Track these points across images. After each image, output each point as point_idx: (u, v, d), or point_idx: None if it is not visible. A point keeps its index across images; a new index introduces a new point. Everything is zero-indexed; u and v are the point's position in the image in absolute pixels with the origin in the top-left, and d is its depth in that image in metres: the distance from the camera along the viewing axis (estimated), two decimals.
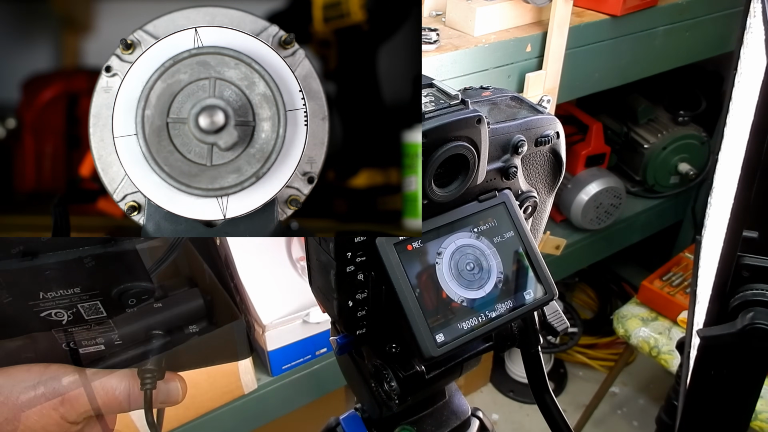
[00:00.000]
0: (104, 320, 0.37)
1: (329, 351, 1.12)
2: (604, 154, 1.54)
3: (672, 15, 1.27)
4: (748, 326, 0.47)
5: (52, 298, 0.35)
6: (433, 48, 1.01)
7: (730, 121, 0.70)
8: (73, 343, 0.38)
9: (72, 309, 0.36)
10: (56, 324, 0.37)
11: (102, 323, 0.37)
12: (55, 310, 0.36)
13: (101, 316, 0.37)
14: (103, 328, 0.38)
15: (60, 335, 0.37)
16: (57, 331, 0.37)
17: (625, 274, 2.04)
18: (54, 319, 0.36)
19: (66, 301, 0.35)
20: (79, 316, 0.36)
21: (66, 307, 0.36)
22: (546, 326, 0.48)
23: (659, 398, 1.76)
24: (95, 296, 0.36)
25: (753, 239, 0.49)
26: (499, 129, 0.44)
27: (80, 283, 0.35)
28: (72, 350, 0.39)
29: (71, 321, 0.37)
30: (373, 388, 0.44)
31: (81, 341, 0.38)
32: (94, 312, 0.36)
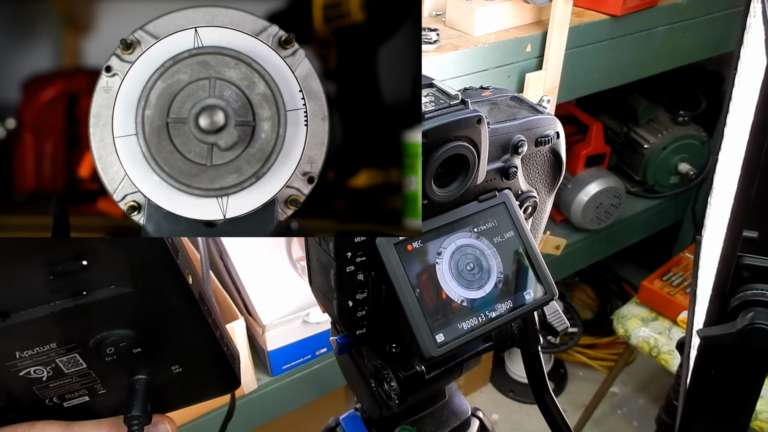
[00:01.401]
0: (85, 372, 0.37)
1: (329, 351, 1.12)
2: (604, 154, 1.54)
3: (672, 15, 1.27)
4: (748, 326, 0.47)
5: (29, 356, 0.35)
6: (433, 48, 1.01)
7: (730, 121, 0.70)
8: (57, 397, 0.38)
9: (51, 364, 0.36)
10: (36, 381, 0.36)
11: (83, 375, 0.37)
12: (33, 367, 0.36)
13: (82, 368, 0.37)
14: (86, 380, 0.37)
15: (42, 392, 0.37)
16: (38, 388, 0.37)
17: (625, 274, 2.04)
18: (34, 377, 0.36)
19: (44, 358, 0.35)
20: (59, 370, 0.36)
21: (44, 364, 0.36)
22: (546, 326, 0.48)
23: (659, 398, 1.76)
24: (72, 349, 0.36)
25: (753, 239, 0.49)
26: (499, 129, 0.44)
27: (56, 338, 0.35)
28: (56, 405, 0.38)
29: (51, 376, 0.36)
30: (373, 388, 0.44)
31: (64, 395, 0.38)
32: (73, 365, 0.36)
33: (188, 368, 0.39)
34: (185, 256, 0.37)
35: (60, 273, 0.32)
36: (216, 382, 0.42)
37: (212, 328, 0.38)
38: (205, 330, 0.38)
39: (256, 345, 1.10)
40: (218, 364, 0.40)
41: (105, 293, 0.34)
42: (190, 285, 0.36)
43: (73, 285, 0.33)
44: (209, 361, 0.40)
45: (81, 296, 0.34)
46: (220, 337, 0.39)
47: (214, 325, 0.39)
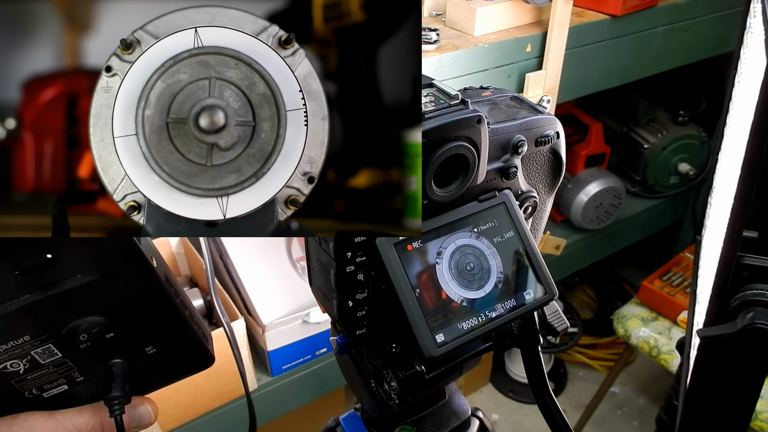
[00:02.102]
0: (61, 361, 0.37)
1: (329, 351, 1.12)
2: (604, 154, 1.54)
3: (672, 15, 1.27)
4: (748, 326, 0.47)
5: (4, 350, 0.35)
6: (433, 48, 1.01)
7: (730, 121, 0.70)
8: (36, 389, 0.38)
9: (26, 357, 0.36)
10: (14, 375, 0.37)
11: (60, 365, 0.37)
12: (9, 361, 0.36)
13: (57, 357, 0.37)
14: (63, 369, 0.38)
15: (21, 384, 0.38)
16: (16, 381, 0.37)
17: (625, 274, 2.03)
18: (10, 371, 0.36)
19: (18, 351, 0.36)
20: (35, 362, 0.37)
21: (20, 357, 0.36)
22: (546, 326, 0.48)
23: (659, 398, 1.76)
24: (46, 340, 0.36)
25: (753, 239, 0.49)
26: (499, 129, 0.44)
27: (28, 331, 0.35)
28: (36, 396, 0.39)
29: (28, 369, 0.37)
30: (373, 388, 0.44)
31: (43, 386, 0.38)
32: (49, 355, 0.37)
33: (162, 349, 0.40)
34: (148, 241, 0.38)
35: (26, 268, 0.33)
36: (190, 360, 0.42)
37: (180, 308, 0.39)
38: (174, 310, 0.39)
39: (256, 345, 1.10)
40: (190, 342, 0.41)
41: (72, 283, 0.34)
42: (154, 268, 0.37)
43: (40, 278, 0.34)
44: (181, 341, 0.41)
45: (49, 288, 0.34)
46: (189, 317, 0.40)
47: (183, 305, 0.40)
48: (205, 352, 0.42)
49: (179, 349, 0.41)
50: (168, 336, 0.40)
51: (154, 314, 0.39)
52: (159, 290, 0.38)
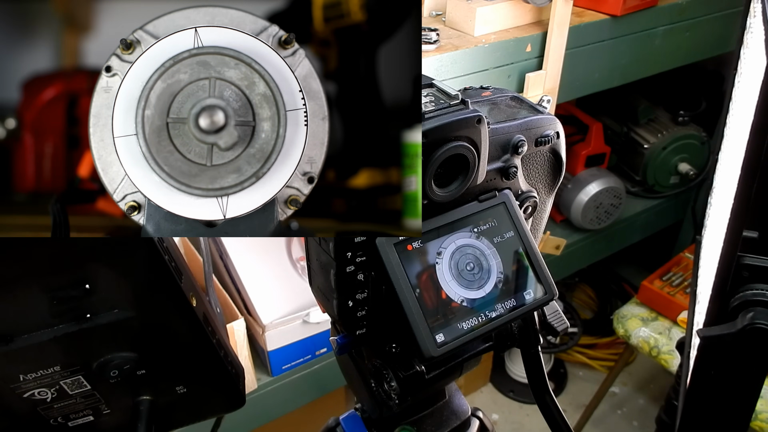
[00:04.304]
0: (89, 393, 0.37)
1: (329, 351, 1.12)
2: (604, 154, 1.54)
3: (672, 15, 1.27)
4: (748, 326, 0.47)
5: (33, 378, 0.35)
6: (433, 48, 1.01)
7: (730, 121, 0.70)
8: (61, 417, 0.38)
9: (55, 386, 0.36)
10: (41, 402, 0.37)
11: (88, 396, 0.37)
12: (38, 389, 0.36)
13: (86, 389, 0.37)
14: (90, 401, 0.38)
15: (47, 412, 0.37)
16: (43, 408, 0.37)
17: (625, 274, 2.03)
18: (38, 398, 0.36)
19: (48, 380, 0.35)
20: (63, 392, 0.36)
21: (49, 386, 0.36)
22: (546, 326, 0.48)
23: (659, 398, 1.76)
24: (76, 372, 0.36)
25: (753, 239, 0.49)
26: (499, 129, 0.44)
27: (59, 361, 0.35)
28: (60, 424, 0.38)
29: (56, 398, 0.37)
30: (373, 388, 0.44)
31: (69, 415, 0.38)
32: (77, 386, 0.36)
33: (193, 389, 0.39)
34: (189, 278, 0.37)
35: (63, 298, 0.32)
36: (221, 401, 0.42)
37: (216, 348, 0.38)
38: (209, 351, 0.38)
39: (256, 345, 1.10)
40: (223, 383, 0.40)
41: (107, 317, 0.34)
42: (194, 308, 0.36)
43: (75, 309, 0.33)
44: (213, 381, 0.40)
45: (84, 320, 0.34)
46: (224, 357, 0.39)
47: (219, 345, 0.39)
48: (236, 393, 0.41)
49: (210, 390, 0.41)
50: (200, 377, 0.39)
51: (188, 354, 0.38)
52: (195, 331, 0.37)
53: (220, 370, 0.39)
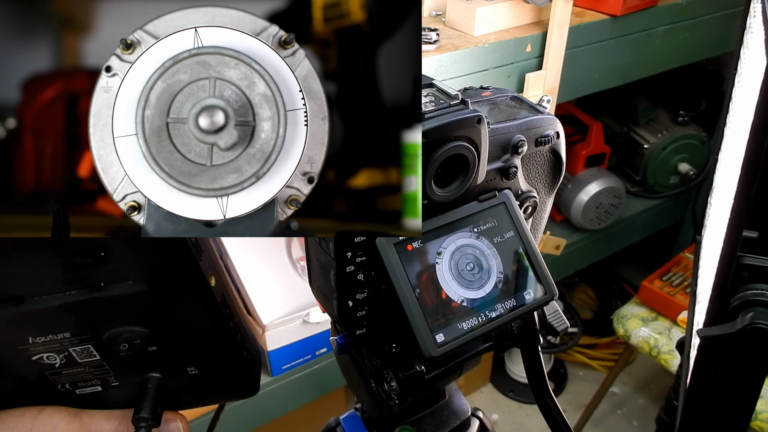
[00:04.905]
0: (99, 363, 0.37)
1: (329, 351, 1.12)
2: (604, 154, 1.54)
3: (672, 15, 1.27)
4: (748, 326, 0.47)
5: (42, 342, 0.35)
6: (433, 48, 1.01)
7: (730, 121, 0.70)
8: (69, 384, 0.38)
9: (64, 352, 0.35)
10: (49, 367, 0.36)
11: (97, 366, 0.37)
12: (46, 354, 0.35)
13: (95, 359, 0.36)
14: (99, 371, 0.37)
15: (55, 377, 0.37)
16: (51, 373, 0.36)
17: (625, 274, 2.03)
18: (46, 363, 0.36)
19: (57, 346, 0.35)
20: (72, 359, 0.36)
21: (57, 351, 0.35)
22: (546, 326, 0.48)
23: (659, 398, 1.76)
24: (86, 340, 0.35)
25: (753, 239, 0.49)
26: (499, 129, 0.44)
27: (69, 328, 0.34)
28: (68, 391, 0.38)
29: (64, 364, 0.36)
30: (373, 388, 0.44)
31: (77, 383, 0.37)
32: (87, 356, 0.36)
33: (205, 371, 0.38)
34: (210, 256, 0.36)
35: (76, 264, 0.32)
36: (233, 387, 0.41)
37: (233, 332, 0.38)
38: (225, 334, 0.37)
39: (257, 345, 1.10)
40: (236, 369, 0.39)
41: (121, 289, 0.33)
42: (212, 287, 0.35)
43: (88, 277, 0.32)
44: (227, 366, 0.39)
45: (96, 289, 0.33)
46: (240, 341, 0.38)
47: (236, 329, 0.38)
48: (249, 380, 0.40)
49: (222, 374, 0.40)
50: (213, 359, 0.38)
51: (203, 335, 0.37)
52: (212, 312, 0.36)
53: (235, 355, 0.38)
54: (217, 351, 0.38)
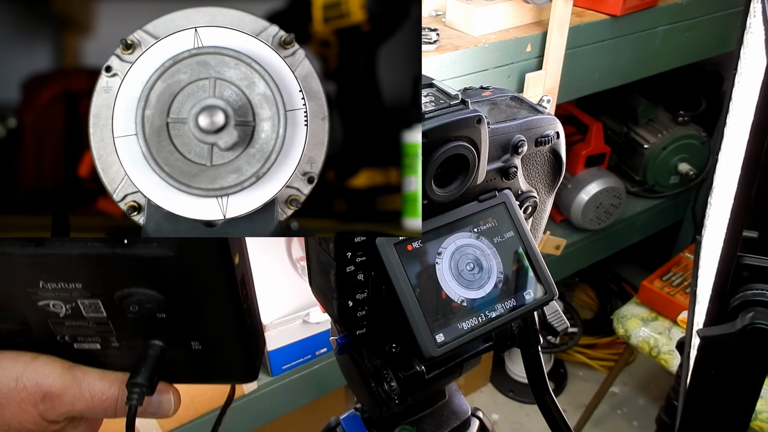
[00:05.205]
0: (103, 321, 0.36)
1: (329, 351, 1.12)
2: (604, 154, 1.54)
3: (672, 15, 1.27)
4: (748, 326, 0.47)
5: (52, 289, 0.34)
6: (433, 48, 1.01)
7: (730, 121, 0.70)
8: (69, 337, 0.37)
9: (71, 303, 0.35)
10: (53, 315, 0.36)
11: (101, 323, 0.36)
12: (53, 301, 0.35)
13: (101, 316, 0.36)
14: (102, 329, 0.37)
15: (56, 327, 0.36)
16: (53, 322, 0.36)
17: (625, 274, 2.04)
18: (51, 311, 0.35)
19: (66, 295, 0.35)
20: (77, 311, 0.36)
21: (65, 301, 0.35)
22: (546, 326, 0.48)
23: (659, 398, 1.76)
24: (96, 296, 0.35)
25: (753, 239, 0.49)
26: (499, 129, 0.44)
27: (82, 279, 0.34)
28: (66, 344, 0.38)
29: (69, 315, 0.36)
30: (373, 388, 0.44)
31: (77, 336, 0.37)
32: (93, 310, 0.36)
33: (208, 348, 0.38)
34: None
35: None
36: (233, 369, 0.40)
37: (245, 314, 0.37)
38: (237, 314, 0.37)
39: None
40: (240, 352, 0.39)
41: (144, 250, 0.33)
42: (234, 265, 0.35)
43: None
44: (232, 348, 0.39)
45: (119, 245, 0.33)
46: (249, 326, 0.38)
47: (248, 312, 0.38)
48: (250, 366, 0.40)
49: (225, 356, 0.39)
50: (219, 339, 0.38)
51: (215, 311, 0.36)
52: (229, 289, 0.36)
53: (241, 338, 0.38)
54: (225, 330, 0.38)
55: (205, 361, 0.39)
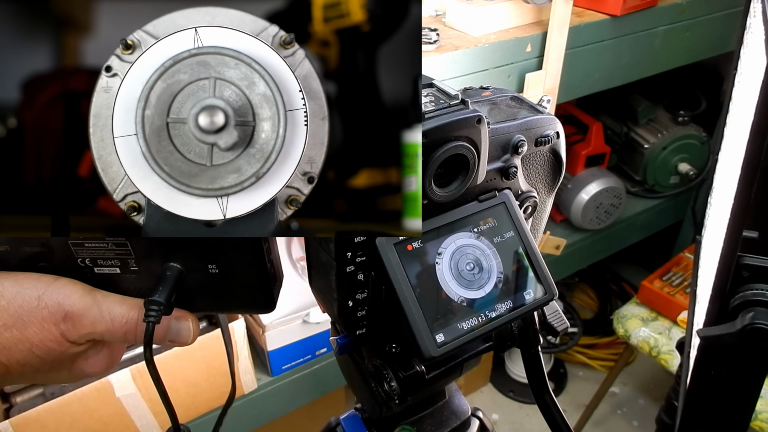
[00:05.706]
0: (123, 242, 0.36)
1: (329, 351, 1.12)
2: (604, 154, 1.54)
3: (672, 15, 1.27)
4: (748, 326, 0.47)
5: None
6: (433, 48, 1.01)
7: (730, 121, 0.70)
8: (89, 260, 0.38)
9: None
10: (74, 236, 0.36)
11: (120, 245, 0.36)
12: None
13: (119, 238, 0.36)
14: (121, 250, 0.37)
15: (77, 248, 0.37)
16: (74, 243, 0.36)
17: (625, 274, 2.04)
18: None
19: None
20: None
21: None
22: (546, 326, 0.48)
23: (659, 398, 1.76)
24: None
25: (753, 239, 0.49)
26: (499, 129, 0.44)
27: None
28: (87, 267, 0.38)
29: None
30: (373, 388, 0.44)
31: (97, 259, 0.37)
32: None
33: (225, 272, 0.38)
34: None
35: None
36: (251, 297, 0.40)
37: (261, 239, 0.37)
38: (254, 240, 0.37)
39: (256, 345, 1.10)
40: (257, 278, 0.39)
41: None
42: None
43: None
44: (247, 272, 0.38)
45: None
46: (267, 251, 0.38)
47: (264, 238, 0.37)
48: (269, 294, 0.39)
49: (242, 280, 0.39)
50: (236, 261, 0.38)
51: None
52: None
53: (258, 262, 0.38)
54: (241, 254, 0.37)
55: (222, 286, 0.39)
